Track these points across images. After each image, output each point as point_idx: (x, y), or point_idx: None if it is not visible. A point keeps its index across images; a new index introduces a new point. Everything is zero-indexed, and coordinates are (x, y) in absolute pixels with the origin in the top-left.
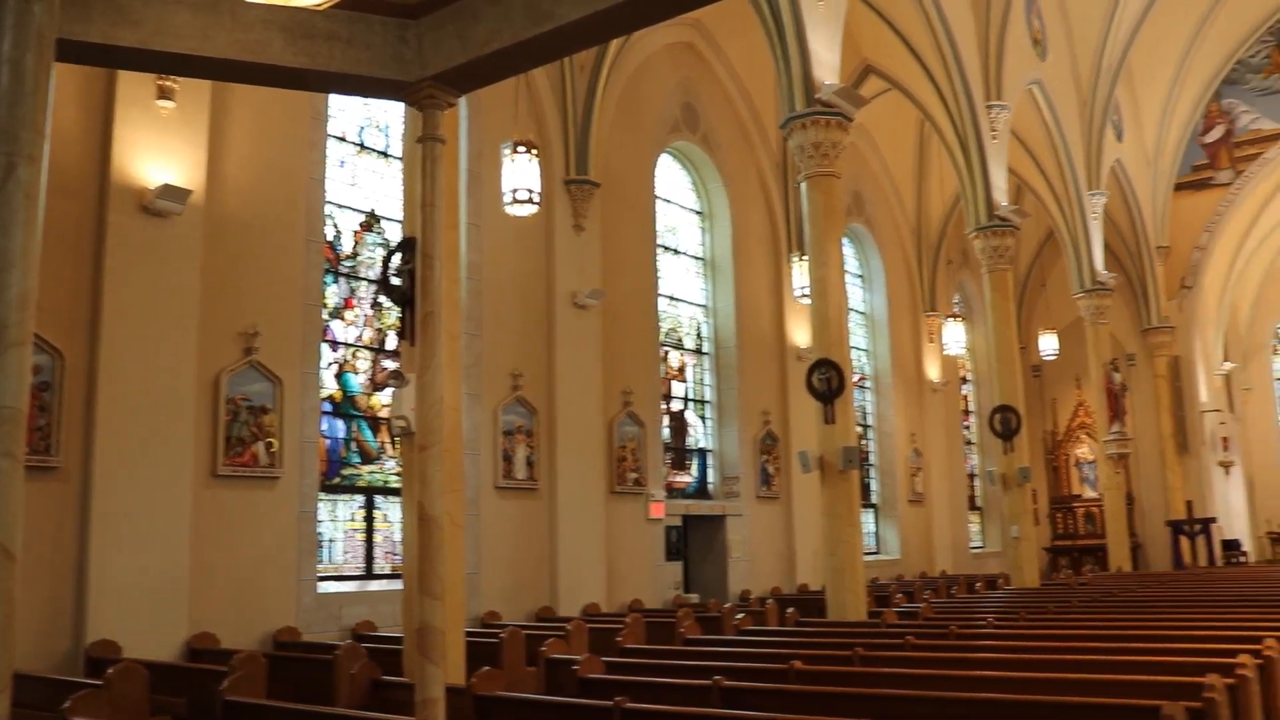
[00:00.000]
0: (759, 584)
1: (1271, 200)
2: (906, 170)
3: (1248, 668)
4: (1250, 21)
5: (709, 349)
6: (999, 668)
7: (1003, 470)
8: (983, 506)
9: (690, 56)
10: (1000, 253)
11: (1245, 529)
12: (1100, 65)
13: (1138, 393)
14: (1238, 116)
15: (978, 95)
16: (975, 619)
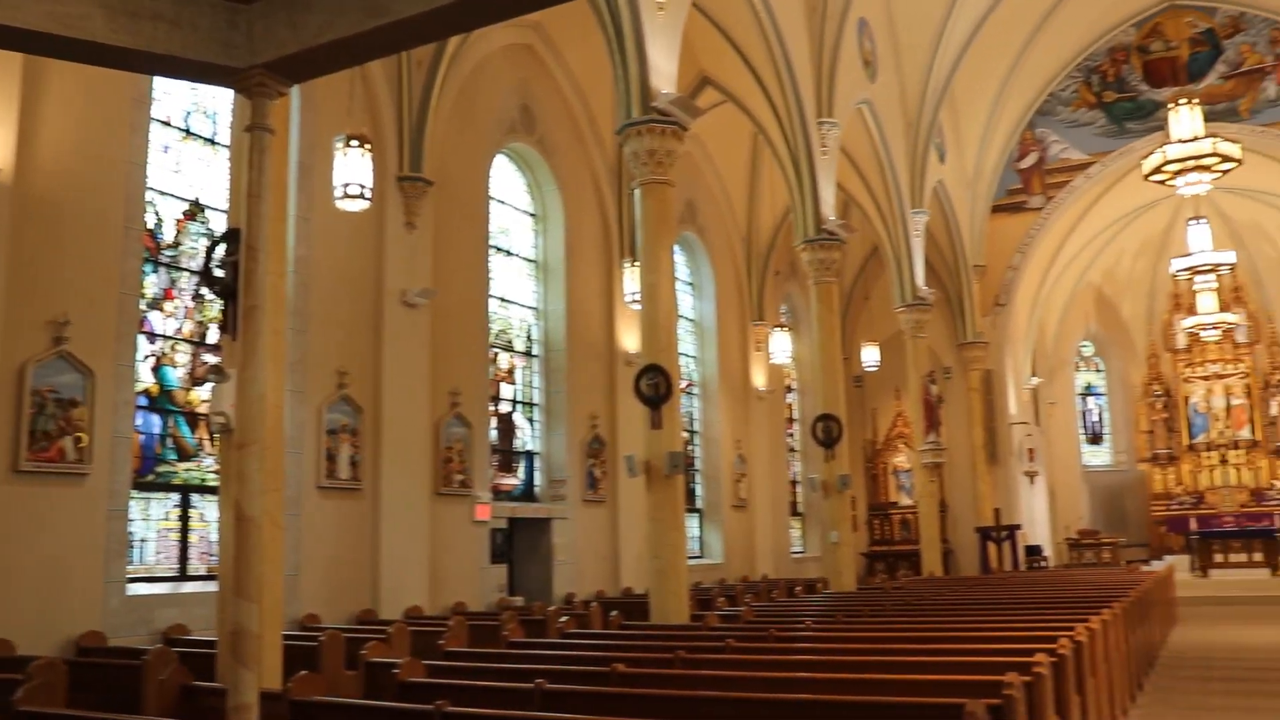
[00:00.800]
0: (584, 587)
1: (1077, 226)
2: (739, 181)
3: (1043, 666)
4: (1062, 57)
5: (539, 351)
6: (816, 669)
7: (824, 477)
8: (804, 512)
9: (529, 59)
10: (827, 265)
11: (1047, 535)
12: (926, 89)
13: (952, 404)
14: (1049, 145)
15: (810, 112)
16: (794, 622)
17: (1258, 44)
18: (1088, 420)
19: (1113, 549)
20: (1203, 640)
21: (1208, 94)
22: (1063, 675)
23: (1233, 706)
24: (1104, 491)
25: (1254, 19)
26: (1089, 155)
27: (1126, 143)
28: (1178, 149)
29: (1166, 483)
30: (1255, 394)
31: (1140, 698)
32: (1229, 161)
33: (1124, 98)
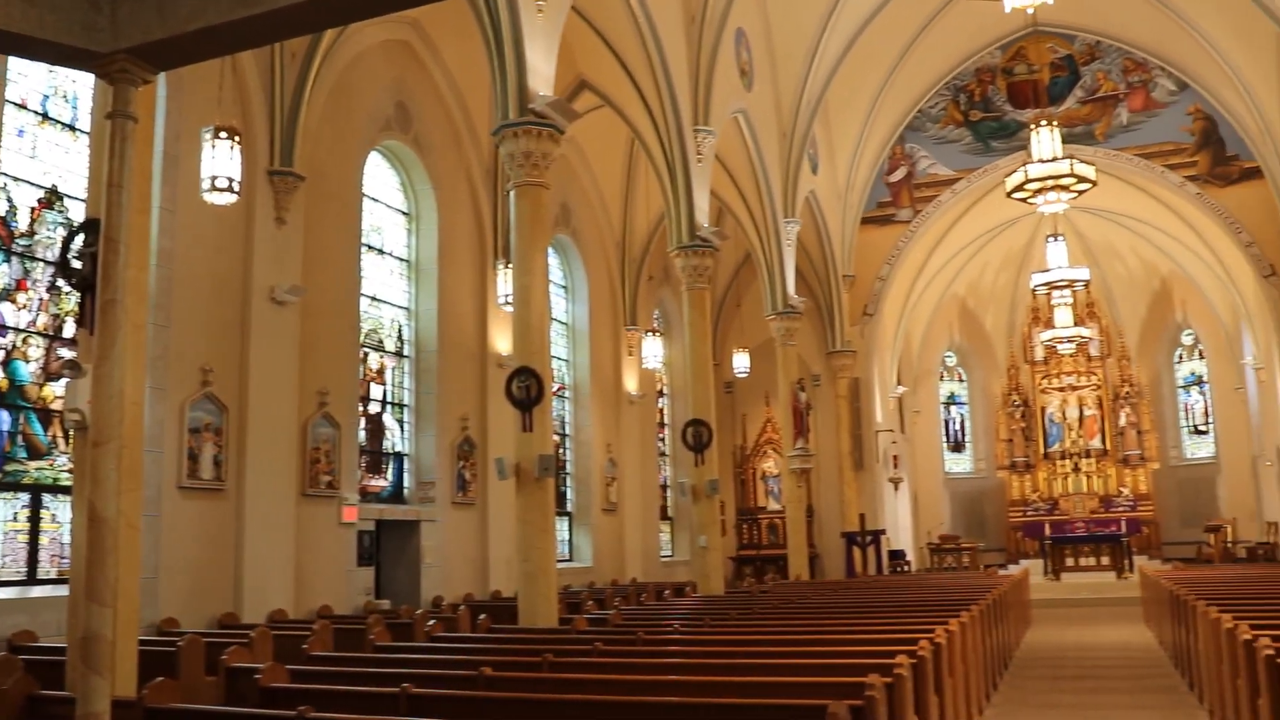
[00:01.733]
0: (452, 590)
1: (943, 239)
2: (615, 186)
3: (904, 667)
4: (932, 76)
5: (410, 352)
6: (683, 672)
7: (694, 482)
8: (673, 516)
9: (406, 55)
10: (700, 272)
11: (910, 540)
12: (801, 101)
13: (821, 411)
14: (918, 160)
15: (686, 119)
16: (663, 625)
17: (1112, 72)
18: (950, 429)
19: (972, 553)
20: (1054, 640)
21: (1067, 117)
22: (922, 676)
23: (1081, 703)
24: (964, 498)
25: (1109, 48)
26: (956, 171)
27: (991, 161)
28: (1038, 168)
29: (1023, 490)
30: (1106, 405)
31: (995, 697)
32: (1085, 182)
33: (989, 117)
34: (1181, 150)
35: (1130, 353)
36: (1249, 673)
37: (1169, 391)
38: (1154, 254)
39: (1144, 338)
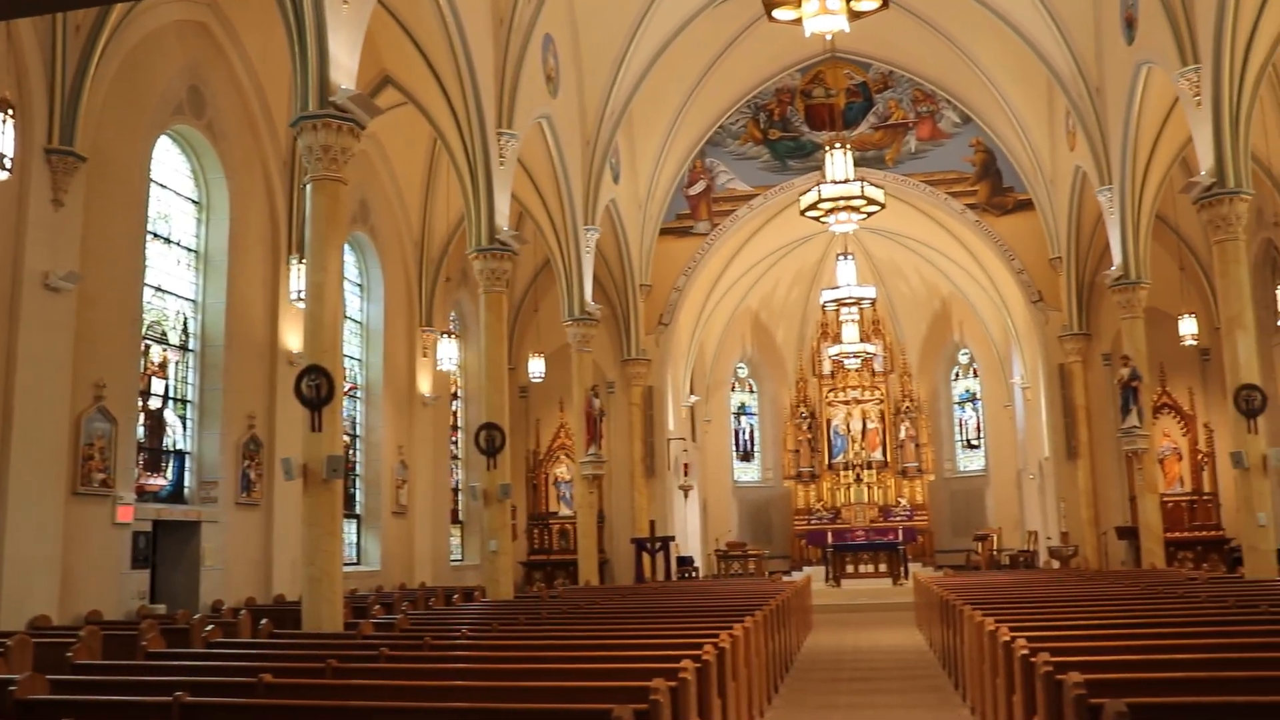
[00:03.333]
0: (234, 594)
1: (739, 253)
2: (415, 185)
3: (688, 671)
4: (733, 93)
5: (195, 346)
6: (471, 677)
7: (485, 486)
8: (464, 520)
9: (203, 38)
10: (498, 275)
11: (698, 547)
12: (605, 110)
13: (614, 418)
14: (717, 175)
15: (490, 121)
16: (451, 630)
17: (903, 101)
18: (740, 438)
19: (758, 560)
20: (834, 644)
21: (860, 141)
22: (706, 680)
23: (856, 704)
24: (752, 506)
25: (901, 78)
26: (753, 187)
27: (787, 179)
28: (831, 189)
29: (808, 499)
30: (888, 419)
31: (776, 699)
32: (874, 204)
33: (787, 137)
34: (963, 179)
35: (911, 369)
36: (1007, 672)
37: (945, 407)
38: (936, 276)
39: (924, 355)
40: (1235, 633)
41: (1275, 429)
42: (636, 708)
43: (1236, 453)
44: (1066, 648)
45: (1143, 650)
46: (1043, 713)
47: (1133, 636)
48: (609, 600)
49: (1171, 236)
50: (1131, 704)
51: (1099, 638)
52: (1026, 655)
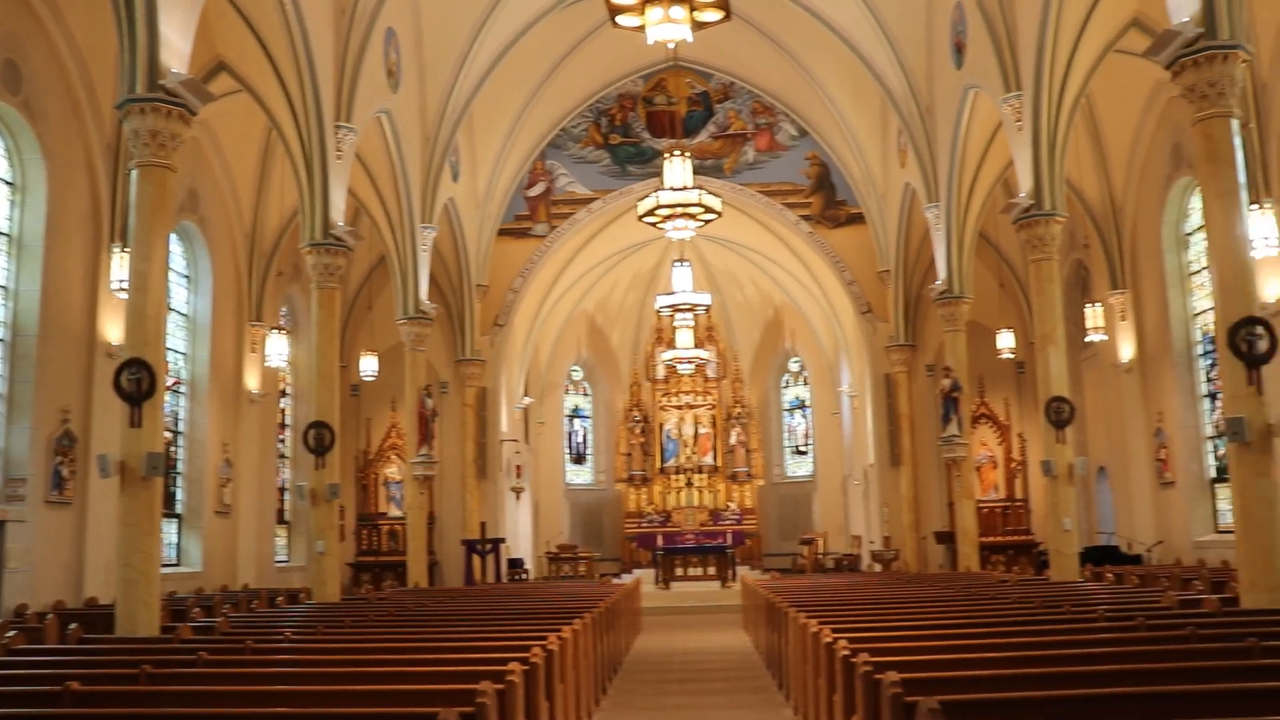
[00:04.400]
0: (41, 598)
1: (577, 256)
2: (248, 175)
3: (516, 674)
4: (576, 96)
5: (5, 335)
6: (293, 682)
7: (313, 485)
8: (291, 521)
9: (20, 9)
10: (331, 271)
11: (529, 549)
12: (446, 108)
13: (447, 419)
14: (557, 177)
15: (328, 113)
16: (274, 633)
17: (742, 112)
18: (573, 441)
19: (589, 563)
20: (663, 646)
21: (699, 150)
22: (534, 682)
23: (683, 705)
24: (583, 508)
25: (741, 89)
26: (593, 191)
27: (627, 184)
28: (669, 195)
29: (639, 502)
30: (719, 424)
31: (604, 701)
32: (711, 213)
33: (627, 142)
34: (799, 191)
35: (744, 376)
36: (829, 672)
37: (775, 413)
38: (770, 285)
39: (756, 362)
40: (1041, 632)
41: (1082, 439)
42: (463, 711)
43: (1046, 461)
44: (885, 648)
45: (956, 650)
46: (861, 711)
47: (948, 637)
48: (438, 602)
49: (993, 254)
50: (944, 701)
51: (916, 638)
52: (847, 656)
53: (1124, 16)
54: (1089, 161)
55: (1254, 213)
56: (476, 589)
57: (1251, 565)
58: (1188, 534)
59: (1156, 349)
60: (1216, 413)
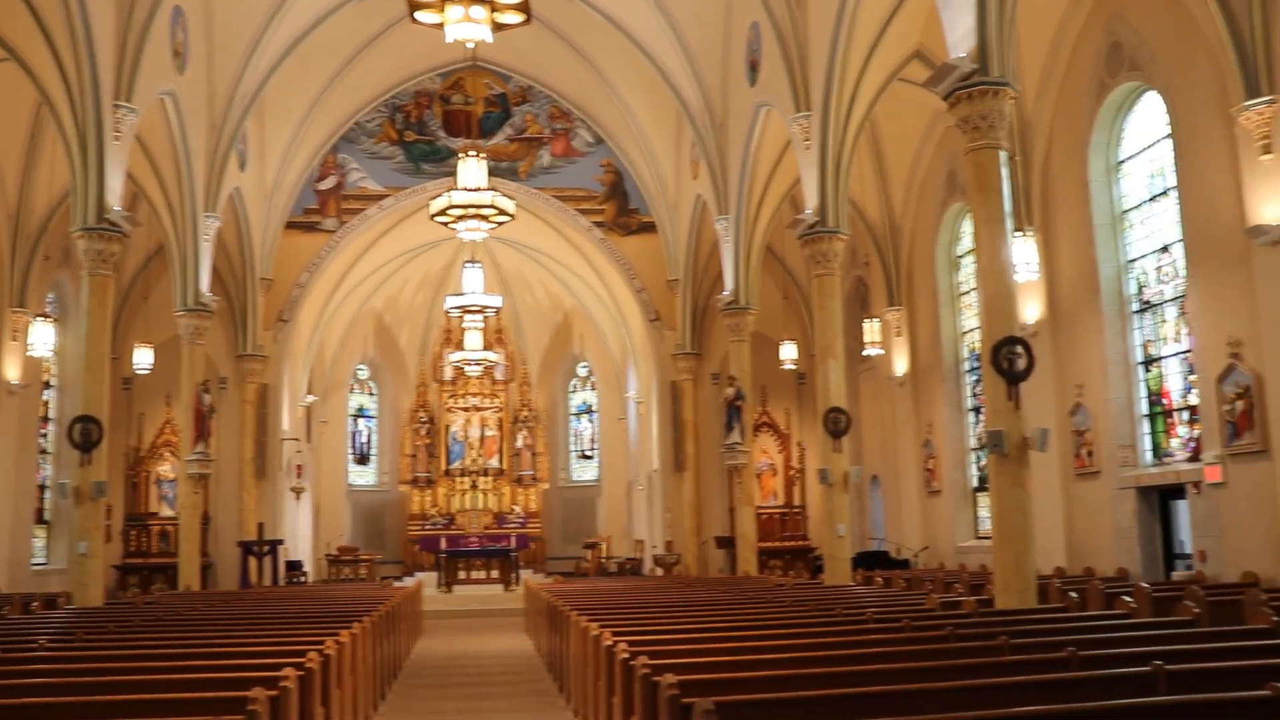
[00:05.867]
0: None
1: (367, 253)
2: (14, 151)
3: (290, 680)
4: (372, 90)
5: None
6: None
7: (77, 483)
8: (51, 520)
9: None
10: (105, 257)
11: (309, 551)
12: (236, 93)
13: (225, 416)
14: (349, 172)
15: (106, 91)
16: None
17: (540, 116)
18: (357, 441)
19: (370, 565)
20: (444, 650)
21: (495, 151)
22: (309, 688)
23: (463, 709)
24: (366, 510)
25: (540, 93)
26: (385, 188)
27: (420, 182)
28: (463, 196)
29: (423, 504)
30: (506, 427)
31: (383, 706)
32: (504, 215)
33: (423, 140)
34: (592, 197)
35: (532, 379)
36: (608, 674)
37: (562, 417)
38: (560, 289)
39: (545, 366)
40: (813, 634)
41: (858, 448)
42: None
43: (823, 469)
44: (665, 651)
45: (733, 652)
46: (640, 713)
47: (725, 639)
48: (211, 606)
49: (778, 268)
50: (719, 702)
51: (695, 641)
52: (627, 659)
53: (908, 48)
54: (871, 183)
55: (1017, 239)
56: (252, 592)
57: (1005, 569)
58: (951, 540)
59: (928, 364)
60: (979, 426)
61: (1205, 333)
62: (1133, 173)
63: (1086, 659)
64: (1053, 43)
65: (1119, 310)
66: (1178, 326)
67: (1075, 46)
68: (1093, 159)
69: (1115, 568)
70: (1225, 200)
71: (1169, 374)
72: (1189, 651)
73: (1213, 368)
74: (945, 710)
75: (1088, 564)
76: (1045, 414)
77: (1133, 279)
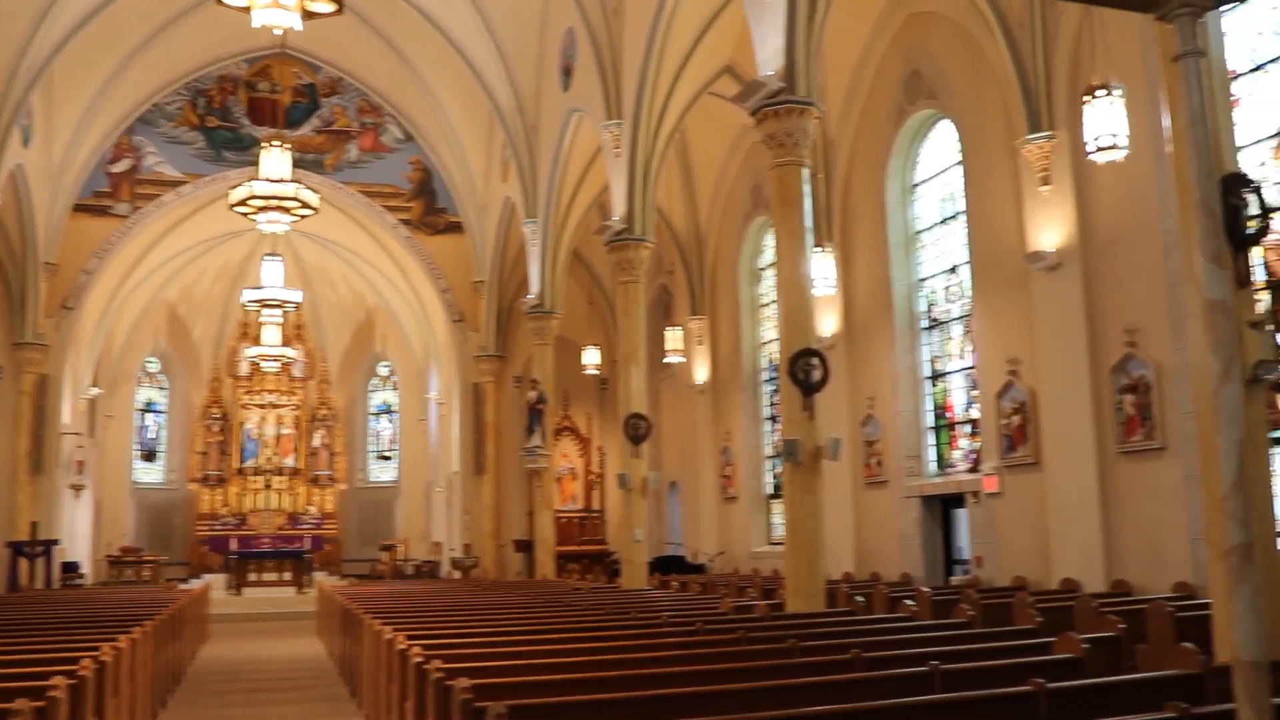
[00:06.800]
0: None
1: (161, 241)
2: None
3: (60, 689)
4: (173, 71)
5: None
6: None
7: None
8: None
9: None
10: None
11: (88, 552)
12: (21, 64)
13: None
14: (145, 155)
15: None
16: None
17: (349, 109)
18: (144, 436)
19: (154, 567)
20: (231, 655)
21: (301, 143)
22: (81, 698)
23: (250, 716)
24: (152, 509)
25: (350, 86)
26: (183, 174)
27: (221, 170)
28: (265, 186)
29: (214, 504)
30: (303, 426)
31: (164, 714)
32: (308, 208)
33: (226, 126)
34: (400, 194)
35: (331, 377)
36: (401, 679)
37: (362, 417)
38: (364, 286)
39: (345, 364)
40: (609, 638)
41: (657, 454)
42: None
43: (622, 474)
44: (459, 654)
45: (528, 655)
46: (433, 717)
47: (521, 643)
48: None
49: (585, 273)
50: (512, 705)
51: (490, 644)
52: (420, 662)
53: (719, 62)
54: (679, 193)
55: (817, 254)
56: (21, 596)
57: (797, 574)
58: (746, 545)
59: (728, 373)
60: (776, 434)
61: (987, 350)
62: (926, 196)
63: (870, 660)
64: (857, 67)
65: (910, 326)
66: (963, 344)
67: (878, 72)
68: (890, 181)
69: (900, 573)
70: (1008, 227)
71: (954, 389)
72: (963, 651)
73: (993, 384)
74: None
75: (875, 569)
76: (838, 424)
77: (923, 297)
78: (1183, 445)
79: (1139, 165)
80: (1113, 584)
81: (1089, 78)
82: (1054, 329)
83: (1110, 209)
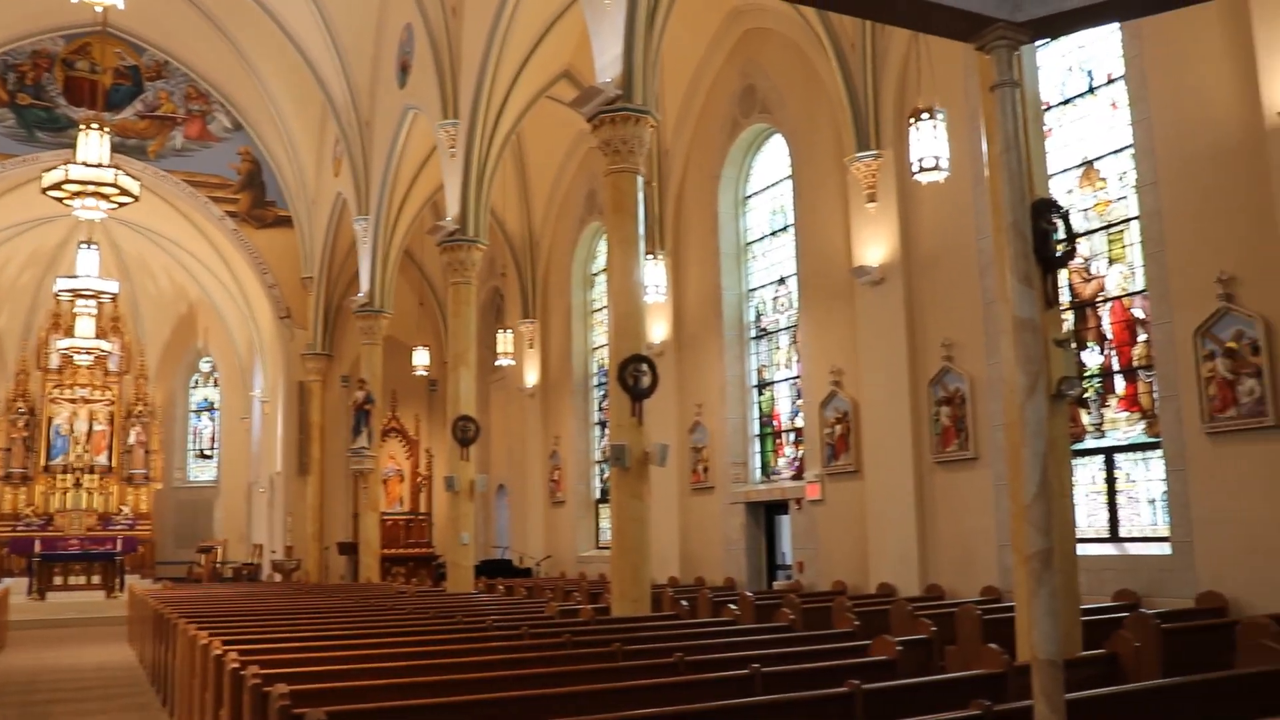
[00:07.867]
0: None
1: None
2: None
3: None
4: None
5: None
6: None
7: None
8: None
9: None
10: None
11: None
12: None
13: None
14: None
15: None
16: None
17: (175, 95)
18: None
19: None
20: (33, 663)
21: (122, 127)
22: None
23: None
24: None
25: (176, 70)
26: None
27: (34, 151)
28: (81, 171)
29: (16, 503)
30: (118, 422)
31: None
32: (127, 195)
33: (39, 105)
34: (227, 185)
35: (149, 372)
36: (217, 685)
37: (181, 414)
38: (186, 279)
39: (165, 359)
40: (433, 642)
41: (486, 457)
42: None
43: (450, 477)
44: (278, 660)
45: (350, 660)
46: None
47: (342, 648)
48: None
49: (416, 272)
50: (331, 711)
51: (310, 649)
52: (236, 668)
53: (558, 66)
54: (514, 196)
55: (649, 262)
56: None
57: (622, 578)
58: (574, 549)
59: (558, 377)
60: (605, 439)
61: (812, 361)
62: (758, 208)
63: (694, 663)
64: (694, 78)
65: (739, 335)
66: (789, 354)
67: (714, 83)
68: (723, 191)
69: (724, 577)
70: (835, 241)
71: (780, 398)
72: (784, 654)
73: (817, 394)
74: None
75: (700, 574)
76: (667, 431)
77: (753, 307)
78: (994, 456)
79: (959, 187)
80: (927, 588)
81: (915, 101)
82: (876, 341)
83: (932, 228)
